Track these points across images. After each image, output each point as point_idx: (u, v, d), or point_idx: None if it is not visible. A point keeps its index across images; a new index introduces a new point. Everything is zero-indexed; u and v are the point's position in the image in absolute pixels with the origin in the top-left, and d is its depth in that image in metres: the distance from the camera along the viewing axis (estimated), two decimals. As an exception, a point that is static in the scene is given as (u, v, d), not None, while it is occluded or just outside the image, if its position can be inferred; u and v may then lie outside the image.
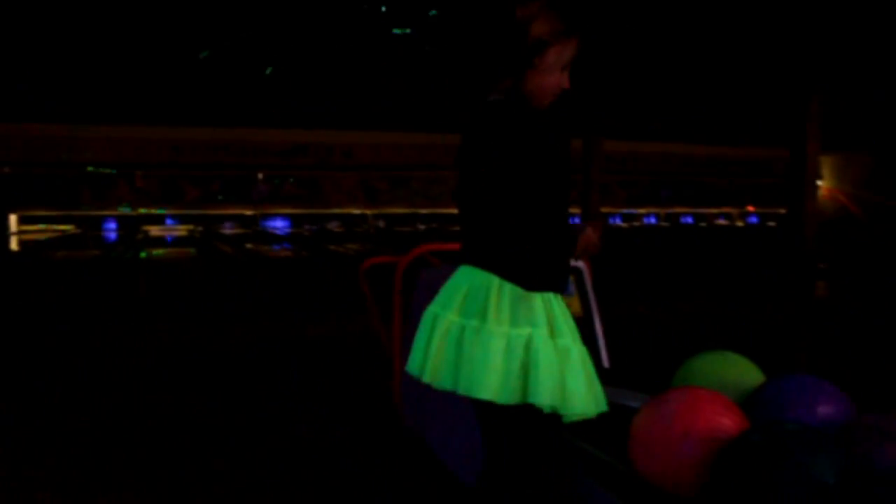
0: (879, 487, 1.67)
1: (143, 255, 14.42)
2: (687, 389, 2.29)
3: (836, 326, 7.25)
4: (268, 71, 11.48)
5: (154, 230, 17.22)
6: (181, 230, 17.22)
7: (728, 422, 2.10)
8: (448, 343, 1.81)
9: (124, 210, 16.40)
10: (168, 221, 17.32)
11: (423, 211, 16.47)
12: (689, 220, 18.16)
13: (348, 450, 3.67)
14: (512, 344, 1.77)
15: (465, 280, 1.84)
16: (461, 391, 1.77)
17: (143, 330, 6.70)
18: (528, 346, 1.77)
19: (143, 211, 16.33)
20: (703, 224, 18.16)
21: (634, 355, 1.82)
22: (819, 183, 16.94)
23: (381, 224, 16.59)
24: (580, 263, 3.60)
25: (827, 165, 18.72)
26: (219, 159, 16.30)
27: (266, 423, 4.07)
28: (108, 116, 14.67)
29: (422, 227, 16.36)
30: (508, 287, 1.80)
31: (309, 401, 4.48)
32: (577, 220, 2.10)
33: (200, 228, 16.96)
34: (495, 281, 1.81)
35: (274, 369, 5.31)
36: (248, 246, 15.41)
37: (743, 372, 2.46)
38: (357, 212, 16.25)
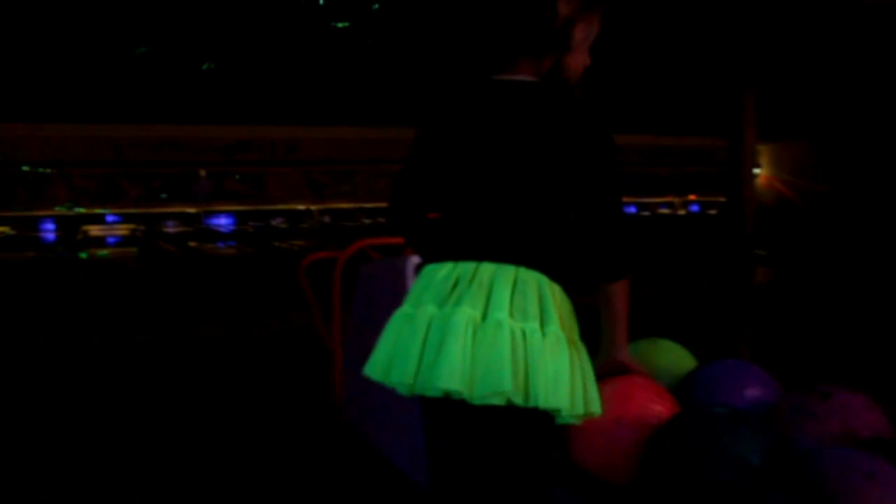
0: (800, 465, 1.72)
1: (83, 255, 14.10)
2: (619, 377, 2.33)
3: (773, 311, 7.44)
4: (206, 66, 11.32)
5: (94, 230, 16.81)
6: (122, 230, 16.85)
7: (659, 408, 2.14)
8: (518, 350, 1.57)
9: (62, 210, 15.98)
10: (108, 220, 16.94)
11: (369, 205, 16.38)
12: (633, 209, 18.42)
13: (291, 448, 3.65)
14: (573, 348, 1.66)
15: (503, 279, 1.64)
16: (536, 404, 1.58)
17: (84, 332, 6.58)
18: (579, 350, 1.68)
19: (81, 211, 15.95)
20: (646, 213, 18.44)
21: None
22: (757, 171, 17.31)
23: (327, 219, 16.46)
24: None
25: (765, 154, 19.14)
26: (160, 157, 16.00)
27: (205, 422, 4.03)
28: (43, 114, 14.28)
29: (367, 221, 16.26)
30: (557, 288, 1.69)
31: (250, 399, 4.45)
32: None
33: (142, 227, 16.63)
34: (545, 280, 1.67)
35: (216, 368, 5.26)
36: (192, 244, 15.18)
37: (675, 358, 2.50)
38: (302, 207, 16.10)
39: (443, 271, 1.69)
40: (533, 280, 1.65)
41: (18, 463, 3.51)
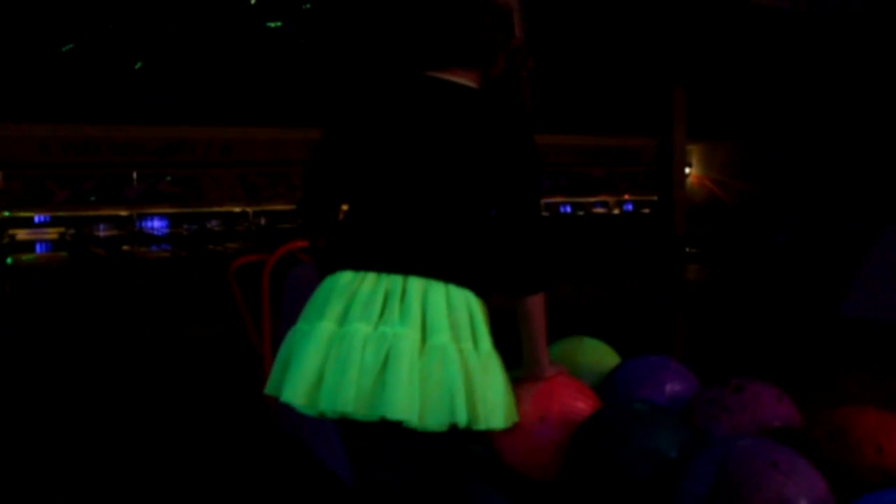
0: (711, 453, 1.78)
1: (9, 261, 13.68)
2: (543, 375, 2.37)
3: (703, 308, 7.63)
4: (138, 65, 11.09)
5: (21, 234, 16.31)
6: (51, 233, 16.38)
7: (582, 405, 2.18)
8: (464, 375, 1.54)
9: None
10: (37, 221, 16.45)
11: (306, 207, 16.21)
12: (568, 209, 18.64)
13: (222, 449, 3.62)
14: (500, 362, 1.67)
15: (436, 296, 1.58)
16: (481, 427, 1.58)
17: (12, 338, 6.42)
18: (501, 361, 1.68)
19: (7, 214, 15.46)
20: (581, 213, 18.69)
21: (500, 342, 1.87)
22: (688, 170, 17.65)
23: (263, 221, 16.27)
24: None
25: (696, 153, 19.62)
26: (90, 158, 15.61)
27: (137, 427, 3.97)
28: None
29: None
30: (480, 302, 1.66)
31: (182, 402, 4.40)
32: None
33: (72, 231, 16.21)
34: (472, 296, 1.64)
35: (146, 372, 5.19)
36: (125, 248, 14.85)
37: (598, 356, 2.56)
38: (238, 210, 15.89)
39: (365, 284, 1.59)
40: (462, 297, 1.61)
41: (18, 463, 3.46)
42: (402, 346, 1.51)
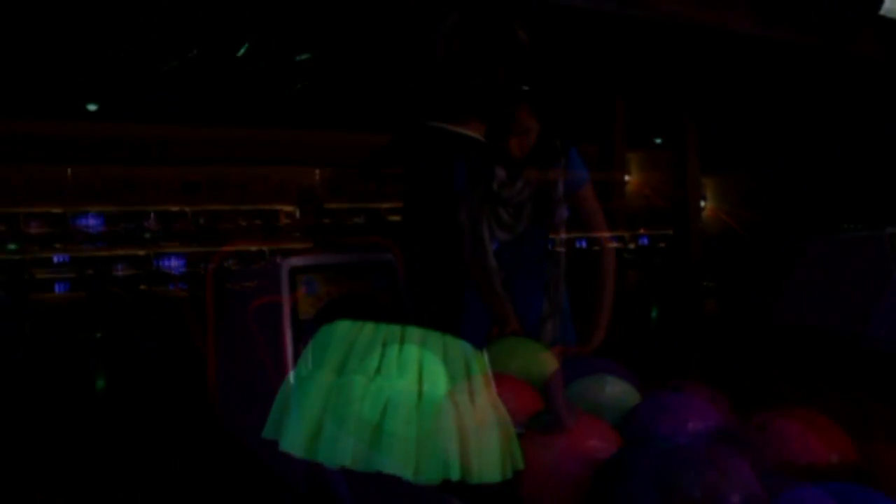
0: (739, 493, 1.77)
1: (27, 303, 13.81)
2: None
3: (722, 341, 7.58)
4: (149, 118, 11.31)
5: (40, 273, 16.46)
6: (70, 273, 16.54)
7: (603, 444, 2.17)
8: (444, 428, 1.53)
9: (7, 254, 15.64)
10: (55, 263, 16.61)
11: (322, 246, 16.31)
12: (584, 243, 18.62)
13: (227, 469, 3.65)
14: (497, 412, 1.67)
15: (433, 348, 1.58)
16: (475, 482, 1.58)
17: (28, 377, 6.48)
18: (500, 409, 1.69)
19: (17, 250, 15.62)
20: (596, 248, 18.62)
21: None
22: (703, 204, 17.57)
23: (279, 259, 16.36)
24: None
25: (710, 187, 19.59)
26: (107, 198, 15.78)
27: (139, 444, 4.00)
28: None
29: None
30: (478, 355, 1.64)
31: (190, 433, 4.43)
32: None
33: (90, 271, 16.36)
34: (469, 348, 1.65)
35: (160, 401, 5.24)
36: (142, 287, 14.96)
37: (619, 393, 2.55)
38: (254, 248, 15.99)
39: (364, 333, 1.60)
40: (459, 349, 1.62)
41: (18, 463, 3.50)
42: (398, 399, 1.52)
